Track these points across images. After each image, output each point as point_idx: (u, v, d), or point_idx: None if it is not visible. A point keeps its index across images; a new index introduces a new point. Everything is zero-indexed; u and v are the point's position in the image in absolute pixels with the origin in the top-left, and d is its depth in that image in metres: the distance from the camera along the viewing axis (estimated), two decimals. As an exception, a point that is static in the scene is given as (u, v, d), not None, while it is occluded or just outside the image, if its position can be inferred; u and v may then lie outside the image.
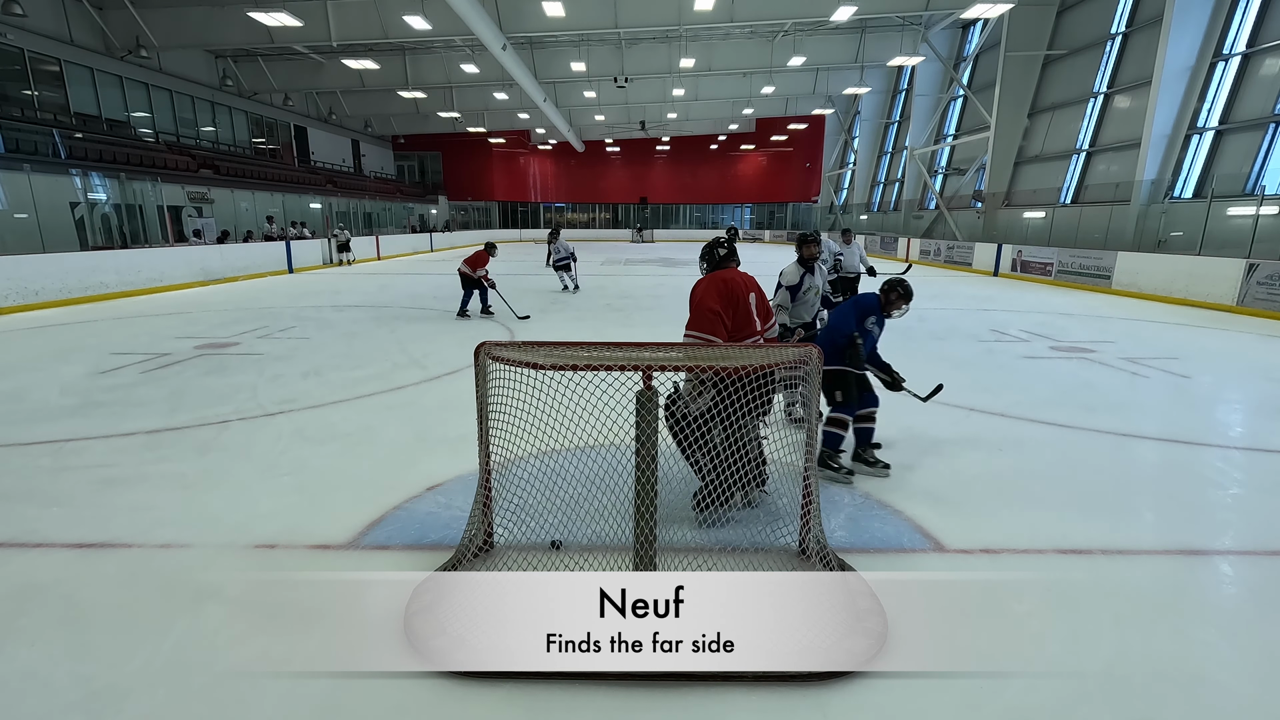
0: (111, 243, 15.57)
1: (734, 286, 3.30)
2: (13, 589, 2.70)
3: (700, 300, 3.24)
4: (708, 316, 3.18)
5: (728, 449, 2.85)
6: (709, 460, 3.05)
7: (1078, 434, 4.73)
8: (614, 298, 12.78)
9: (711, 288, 3.28)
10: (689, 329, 3.19)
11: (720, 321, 3.18)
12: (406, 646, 2.33)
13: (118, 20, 18.65)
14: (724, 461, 2.89)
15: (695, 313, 3.22)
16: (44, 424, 4.83)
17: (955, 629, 2.47)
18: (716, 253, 3.57)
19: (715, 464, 2.96)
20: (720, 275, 3.38)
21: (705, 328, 3.16)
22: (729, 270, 3.45)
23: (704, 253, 3.63)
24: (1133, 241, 15.17)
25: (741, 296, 3.31)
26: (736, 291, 3.30)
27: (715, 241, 3.61)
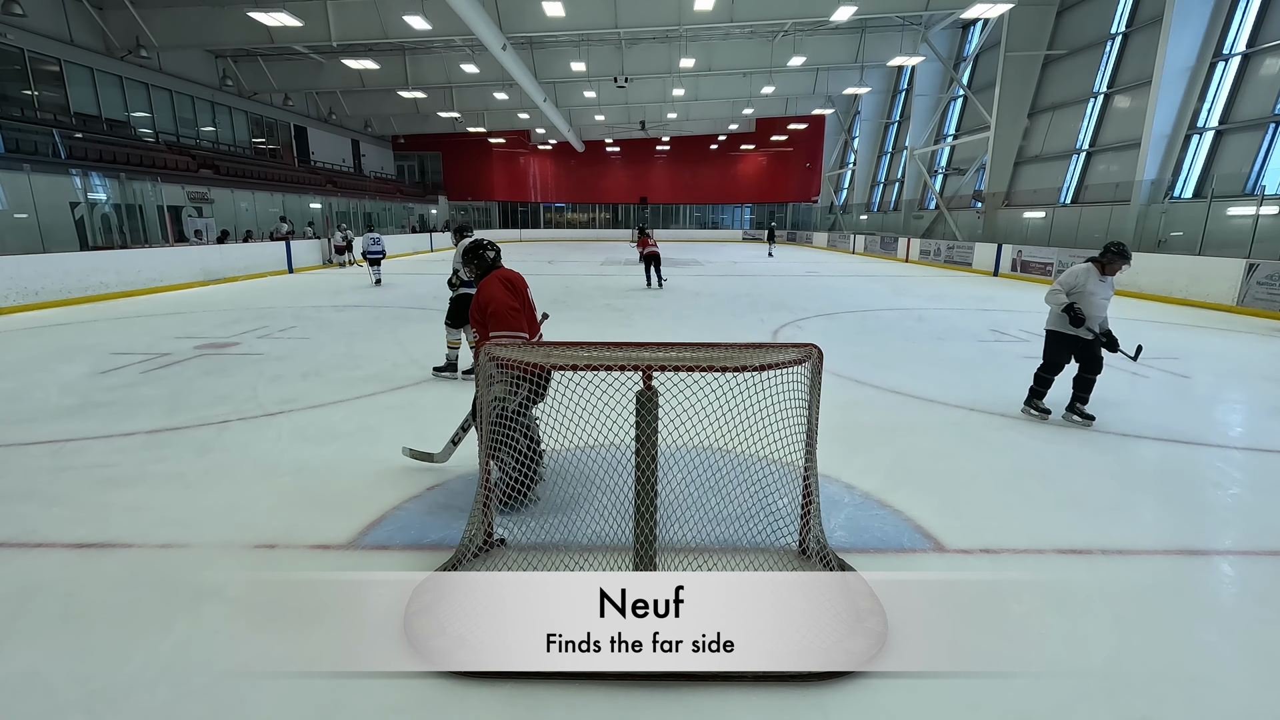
0: (111, 243, 15.56)
1: (518, 283, 3.40)
2: (13, 589, 2.70)
3: (500, 301, 3.26)
4: (510, 315, 3.23)
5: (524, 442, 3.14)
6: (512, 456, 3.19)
7: (1077, 434, 4.73)
8: (614, 298, 12.78)
9: (501, 288, 3.33)
10: (494, 331, 3.18)
11: (521, 317, 3.26)
12: (406, 646, 2.33)
13: (118, 20, 18.66)
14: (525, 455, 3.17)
15: (497, 315, 3.22)
16: (44, 424, 4.83)
17: (955, 629, 2.47)
18: (487, 255, 3.57)
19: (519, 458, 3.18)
20: (501, 274, 3.43)
21: (512, 326, 3.21)
22: (504, 269, 3.51)
23: (471, 257, 3.56)
24: (1133, 241, 15.14)
25: (525, 291, 3.42)
26: (520, 287, 3.40)
27: (481, 243, 3.58)
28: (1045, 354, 5.02)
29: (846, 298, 13.02)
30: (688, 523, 3.05)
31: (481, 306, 3.31)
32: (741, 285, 15.41)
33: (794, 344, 2.57)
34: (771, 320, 10.01)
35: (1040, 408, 5.04)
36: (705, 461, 3.22)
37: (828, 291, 14.21)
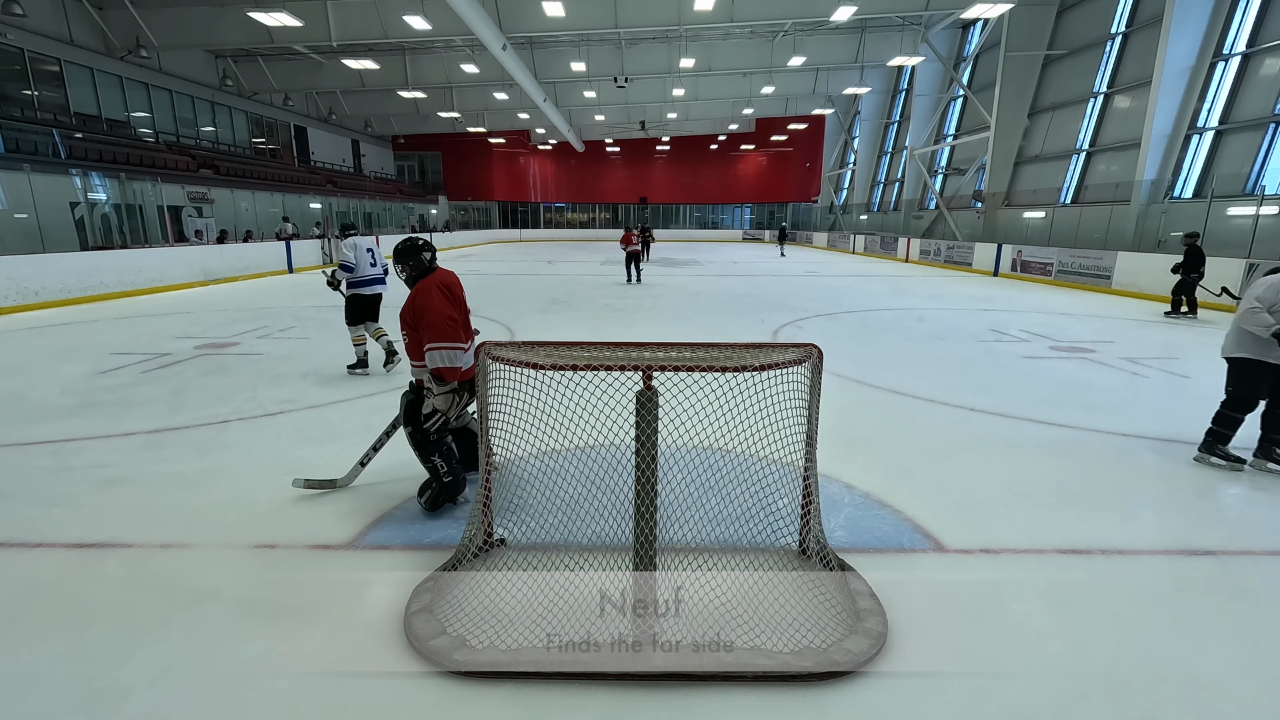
0: (111, 243, 15.57)
1: (454, 289, 3.30)
2: (13, 589, 2.70)
3: (438, 310, 3.13)
4: (448, 325, 3.10)
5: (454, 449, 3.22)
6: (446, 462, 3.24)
7: (1078, 434, 4.73)
8: (614, 298, 12.78)
9: (439, 295, 3.18)
10: (431, 343, 3.08)
11: (459, 327, 3.17)
12: (406, 646, 2.34)
13: (118, 20, 18.66)
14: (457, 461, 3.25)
15: (434, 325, 3.09)
16: (44, 424, 4.83)
17: (955, 629, 2.47)
18: (423, 257, 3.40)
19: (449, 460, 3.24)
20: (439, 280, 3.31)
21: (450, 337, 3.09)
22: (441, 273, 3.39)
23: (406, 257, 3.39)
24: (1133, 241, 15.17)
25: (461, 297, 3.35)
26: (458, 293, 3.32)
27: (418, 244, 3.41)
28: (1235, 388, 4.14)
29: (846, 298, 13.03)
30: (688, 523, 3.05)
31: (416, 313, 3.16)
32: (741, 285, 15.41)
33: (794, 344, 2.57)
34: (771, 320, 10.02)
35: (1231, 456, 4.15)
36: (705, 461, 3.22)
37: (828, 291, 14.21)
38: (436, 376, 3.12)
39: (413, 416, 3.25)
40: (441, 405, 3.15)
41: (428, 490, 3.37)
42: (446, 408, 3.15)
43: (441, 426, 3.21)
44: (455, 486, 3.35)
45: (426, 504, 3.35)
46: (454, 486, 3.35)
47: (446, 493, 3.34)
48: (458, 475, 3.35)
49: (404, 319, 3.25)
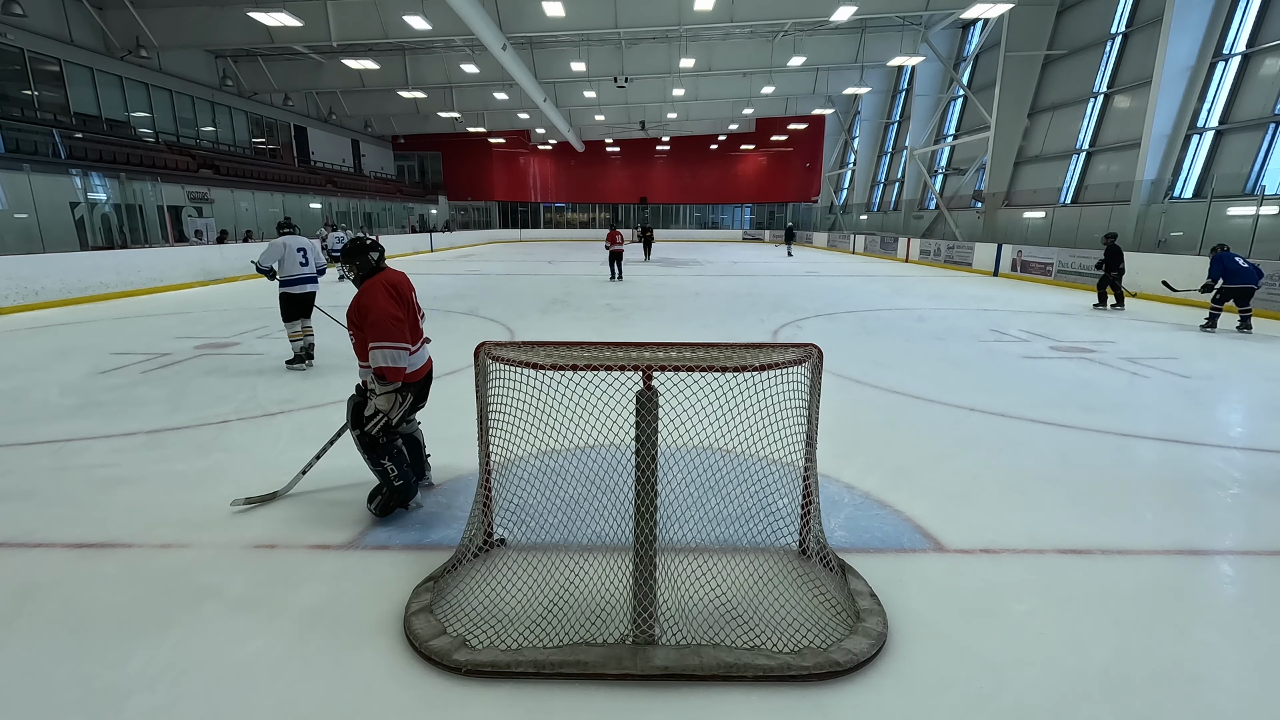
0: (111, 243, 15.57)
1: (401, 289, 3.26)
2: (13, 589, 2.70)
3: (382, 309, 3.09)
4: (392, 325, 3.06)
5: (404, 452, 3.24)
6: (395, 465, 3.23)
7: (1078, 434, 4.73)
8: (614, 298, 12.78)
9: (384, 294, 3.15)
10: (377, 342, 3.04)
11: (405, 326, 3.12)
12: (406, 646, 2.34)
13: (118, 20, 18.66)
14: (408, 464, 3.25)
15: (378, 324, 3.05)
16: (44, 424, 4.83)
17: (955, 629, 2.47)
18: (370, 257, 3.35)
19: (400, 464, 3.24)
20: (386, 279, 3.25)
21: (394, 336, 3.05)
22: (389, 273, 3.33)
23: (353, 256, 3.33)
24: (1133, 241, 15.16)
25: (409, 297, 3.30)
26: (405, 293, 3.27)
27: (365, 244, 3.37)
28: None
29: (846, 298, 13.02)
30: (688, 523, 3.05)
31: (361, 312, 3.12)
32: (741, 285, 15.41)
33: (794, 344, 2.57)
34: (771, 320, 10.02)
35: None
36: (705, 461, 3.22)
37: (828, 291, 14.21)
38: (379, 376, 3.08)
39: (358, 419, 3.20)
40: (383, 405, 3.10)
41: (378, 495, 3.31)
42: (388, 408, 3.11)
43: (387, 428, 3.17)
44: (407, 491, 3.29)
45: (377, 510, 3.28)
46: (405, 491, 3.28)
47: (398, 497, 3.28)
48: (409, 480, 3.29)
49: (350, 318, 3.20)
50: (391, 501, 3.30)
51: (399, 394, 3.14)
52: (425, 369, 3.41)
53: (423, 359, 3.39)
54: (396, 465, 3.23)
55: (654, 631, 2.32)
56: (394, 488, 3.26)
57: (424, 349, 3.43)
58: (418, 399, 3.45)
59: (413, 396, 3.30)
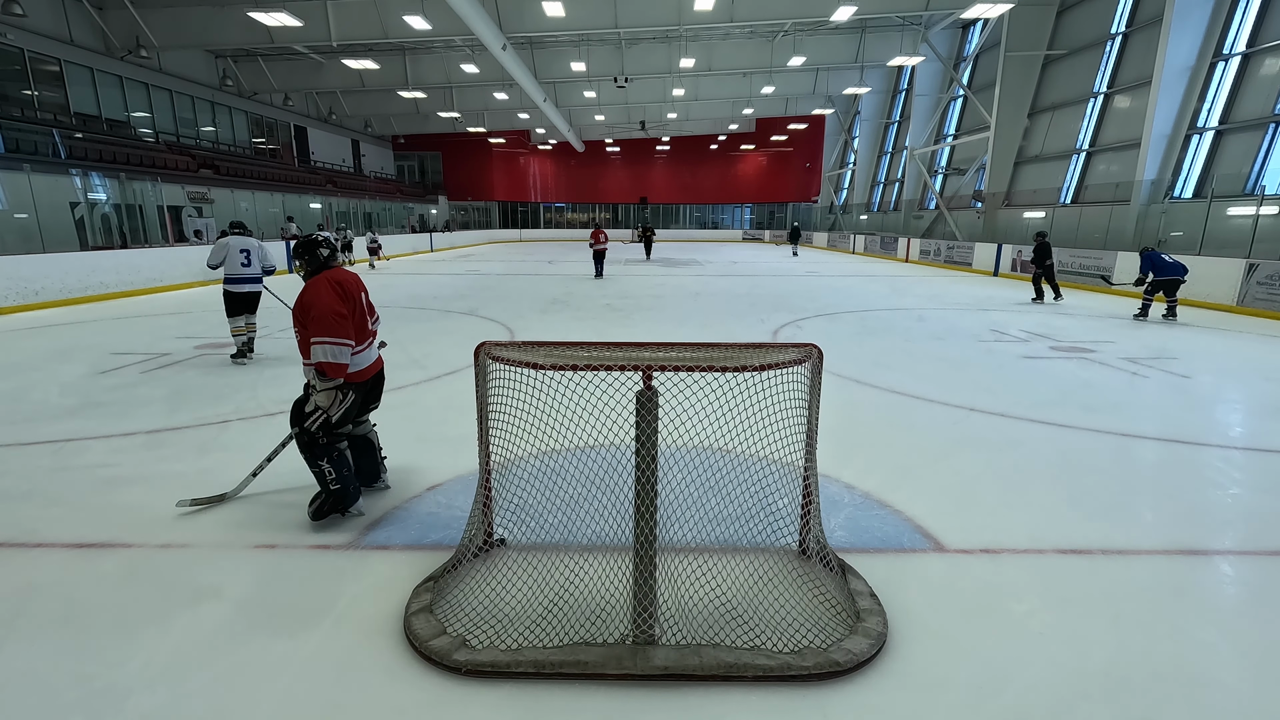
0: (111, 243, 15.57)
1: (348, 286, 3.23)
2: (13, 589, 2.70)
3: (325, 305, 3.07)
4: (335, 321, 3.05)
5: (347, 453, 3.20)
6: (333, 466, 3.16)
7: (1078, 434, 4.73)
8: (614, 298, 12.78)
9: (330, 290, 3.13)
10: (317, 337, 3.02)
11: (348, 323, 3.10)
12: (406, 646, 2.34)
13: (118, 20, 18.66)
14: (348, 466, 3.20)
15: (321, 319, 3.04)
16: (44, 424, 4.83)
17: (955, 629, 2.47)
18: (320, 253, 3.35)
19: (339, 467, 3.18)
20: (332, 276, 3.24)
21: (336, 332, 3.04)
22: (337, 270, 3.32)
23: (303, 252, 3.35)
24: (1133, 241, 15.16)
25: (357, 296, 3.27)
26: (352, 291, 3.24)
27: (315, 240, 3.39)
28: None
29: (846, 298, 13.03)
30: (688, 523, 3.06)
31: (304, 307, 3.10)
32: (741, 285, 15.42)
33: (794, 344, 2.57)
34: (771, 320, 10.02)
35: None
36: (705, 461, 3.22)
37: (828, 291, 14.21)
38: (319, 371, 3.05)
39: (298, 417, 3.16)
40: (323, 402, 3.06)
41: (316, 499, 3.24)
42: (328, 405, 3.06)
43: (329, 430, 3.13)
44: (344, 496, 3.19)
45: (312, 514, 3.20)
46: (342, 496, 3.19)
47: (333, 502, 3.19)
48: (348, 485, 3.21)
49: (295, 315, 3.18)
50: (326, 506, 3.20)
51: (339, 391, 3.09)
52: (373, 369, 3.38)
53: (369, 359, 3.35)
54: (335, 469, 3.16)
55: (654, 631, 2.32)
56: (330, 491, 3.18)
57: (372, 349, 3.39)
58: (367, 399, 3.44)
59: (357, 396, 3.25)
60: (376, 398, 3.54)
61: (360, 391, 3.30)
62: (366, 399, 3.43)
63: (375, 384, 3.48)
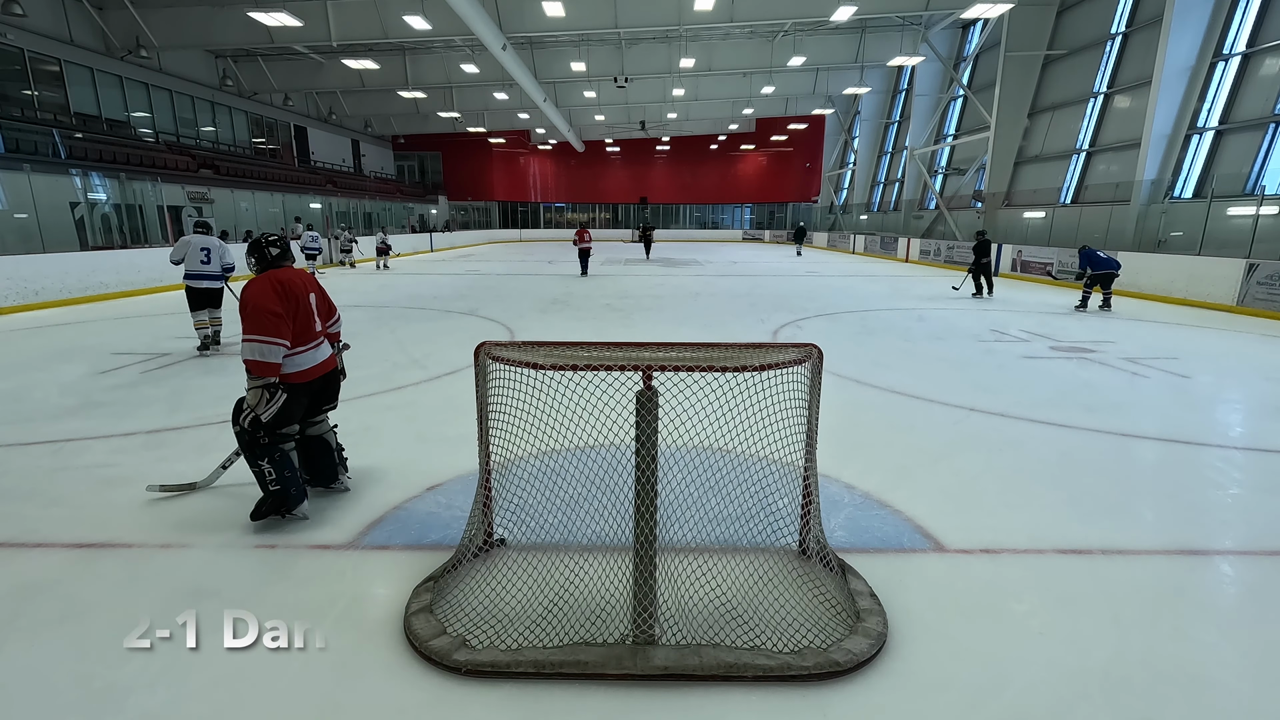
0: (111, 243, 15.57)
1: (292, 286, 3.18)
2: (13, 589, 2.70)
3: (258, 303, 3.04)
4: (269, 319, 3.01)
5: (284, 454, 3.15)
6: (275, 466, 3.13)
7: (1078, 434, 4.73)
8: (614, 298, 12.78)
9: (268, 289, 3.10)
10: (248, 334, 3.00)
11: (284, 323, 3.06)
12: (406, 646, 2.34)
13: (118, 20, 18.66)
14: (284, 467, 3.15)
15: (254, 317, 3.01)
16: (44, 424, 4.83)
17: (955, 629, 2.47)
18: (268, 252, 3.32)
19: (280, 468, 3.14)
20: (275, 275, 3.20)
21: (268, 331, 3.00)
22: (284, 270, 3.29)
23: (251, 252, 3.34)
24: (1133, 241, 15.17)
25: (301, 296, 3.22)
26: (295, 291, 3.19)
27: (264, 239, 3.38)
28: None
29: (846, 298, 13.03)
30: (688, 523, 3.05)
31: (242, 305, 3.09)
32: (741, 285, 15.42)
33: (794, 344, 2.57)
34: (771, 320, 10.02)
35: None
36: (705, 461, 3.22)
37: (828, 291, 14.21)
38: (246, 369, 3.03)
39: (238, 414, 3.15)
40: (251, 400, 3.02)
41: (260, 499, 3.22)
42: (255, 403, 3.02)
43: (271, 430, 3.11)
44: (283, 498, 3.15)
45: (251, 513, 3.17)
46: (281, 498, 3.15)
47: (272, 503, 3.15)
48: (289, 487, 3.15)
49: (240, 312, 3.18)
50: (265, 506, 3.15)
51: (267, 390, 3.03)
52: (319, 371, 3.31)
53: (314, 360, 3.27)
54: (276, 470, 3.11)
55: (654, 631, 2.32)
56: (268, 492, 3.14)
57: (319, 350, 3.32)
58: (319, 400, 3.40)
59: (299, 397, 3.20)
60: (331, 398, 3.50)
61: (305, 393, 3.24)
62: (318, 400, 3.40)
63: (326, 385, 3.42)
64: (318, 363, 3.31)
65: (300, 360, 3.20)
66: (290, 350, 3.12)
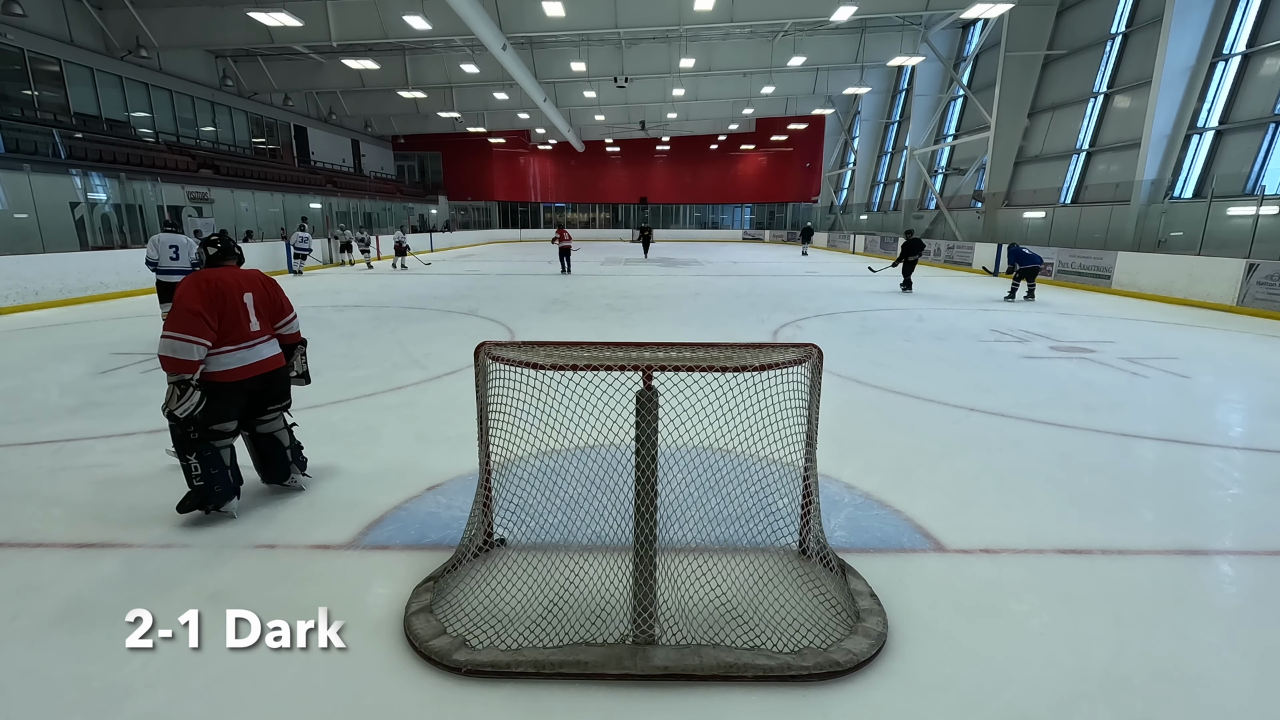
0: (111, 243, 15.56)
1: (222, 285, 3.20)
2: (13, 589, 2.70)
3: (179, 301, 3.07)
4: (186, 317, 3.03)
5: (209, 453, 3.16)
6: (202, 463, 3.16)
7: (1078, 434, 4.73)
8: (614, 298, 12.78)
9: (194, 287, 3.13)
10: (163, 331, 3.04)
11: (201, 321, 3.06)
12: (406, 646, 2.34)
13: (118, 20, 18.66)
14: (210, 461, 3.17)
15: (173, 314, 3.05)
16: (44, 424, 4.83)
17: (955, 629, 2.47)
18: (206, 251, 3.39)
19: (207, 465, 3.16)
20: (205, 274, 3.22)
21: (184, 328, 3.02)
22: (219, 269, 3.32)
23: (203, 247, 3.46)
24: (1133, 241, 15.17)
25: (232, 295, 3.21)
26: (224, 290, 3.19)
27: (206, 240, 3.44)
28: None
29: (846, 298, 13.03)
30: (688, 523, 3.06)
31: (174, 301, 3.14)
32: (741, 285, 15.42)
33: (794, 344, 2.57)
34: (771, 320, 10.02)
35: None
36: (705, 461, 3.22)
37: (828, 291, 14.21)
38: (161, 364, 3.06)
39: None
40: (166, 394, 3.05)
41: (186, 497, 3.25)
42: (167, 399, 3.04)
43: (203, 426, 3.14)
44: (206, 495, 3.18)
45: (177, 505, 3.23)
46: (205, 494, 3.17)
47: (195, 498, 3.18)
48: (211, 485, 3.17)
49: None
50: (188, 501, 3.19)
51: (178, 387, 3.03)
52: (254, 370, 3.29)
53: (245, 360, 3.26)
54: (203, 465, 3.14)
55: (654, 631, 2.32)
56: (192, 487, 3.17)
57: (253, 350, 3.30)
58: (261, 400, 3.38)
59: (226, 396, 3.19)
60: (279, 398, 3.49)
61: (237, 392, 3.24)
62: (260, 399, 3.39)
63: (267, 385, 3.38)
64: (249, 363, 3.27)
65: (226, 360, 3.18)
66: (215, 349, 3.13)
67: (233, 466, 3.31)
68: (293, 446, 3.61)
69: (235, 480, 3.31)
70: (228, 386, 3.20)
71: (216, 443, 3.22)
